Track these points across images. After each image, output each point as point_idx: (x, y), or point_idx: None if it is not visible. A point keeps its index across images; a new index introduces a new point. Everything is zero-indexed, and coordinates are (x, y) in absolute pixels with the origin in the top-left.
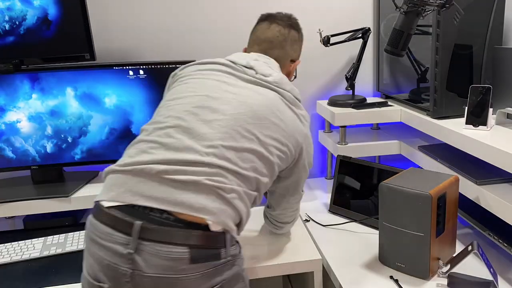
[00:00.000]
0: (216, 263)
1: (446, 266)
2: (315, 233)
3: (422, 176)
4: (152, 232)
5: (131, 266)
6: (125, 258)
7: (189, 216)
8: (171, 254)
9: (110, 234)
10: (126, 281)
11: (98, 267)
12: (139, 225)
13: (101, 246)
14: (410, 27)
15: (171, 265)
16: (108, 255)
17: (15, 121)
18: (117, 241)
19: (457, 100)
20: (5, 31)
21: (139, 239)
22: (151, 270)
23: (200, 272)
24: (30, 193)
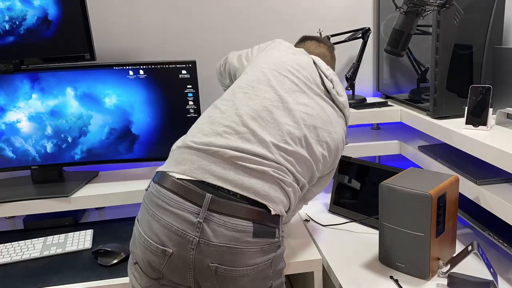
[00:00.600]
0: (271, 241)
1: (446, 266)
2: (315, 233)
3: (422, 176)
4: (221, 205)
5: (199, 234)
6: (194, 226)
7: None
8: (237, 226)
9: (181, 202)
10: (191, 248)
11: (164, 232)
12: (210, 197)
13: (170, 212)
14: (410, 27)
15: (236, 236)
16: (178, 222)
17: (15, 121)
18: (188, 210)
19: (457, 100)
20: (5, 31)
21: (209, 210)
22: (217, 239)
23: (259, 246)
24: (30, 193)
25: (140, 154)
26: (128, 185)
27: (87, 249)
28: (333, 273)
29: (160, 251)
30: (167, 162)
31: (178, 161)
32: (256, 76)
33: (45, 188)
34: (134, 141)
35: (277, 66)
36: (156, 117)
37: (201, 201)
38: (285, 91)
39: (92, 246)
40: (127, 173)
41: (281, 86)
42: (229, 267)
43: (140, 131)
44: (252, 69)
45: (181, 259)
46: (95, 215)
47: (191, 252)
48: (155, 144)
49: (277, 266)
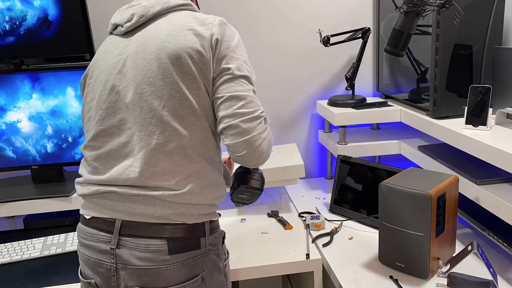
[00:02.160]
0: (196, 252)
1: (446, 266)
2: (315, 233)
3: (422, 176)
4: (132, 227)
5: (114, 261)
6: (108, 254)
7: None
8: (150, 247)
9: (94, 234)
10: (111, 275)
11: (86, 265)
12: (120, 222)
13: (87, 246)
14: (410, 27)
15: (151, 257)
16: (93, 253)
17: (16, 121)
18: (101, 240)
19: (457, 100)
20: (5, 31)
21: (120, 235)
22: (133, 263)
23: (180, 261)
24: (30, 193)
25: None
26: None
27: None
28: (333, 273)
29: (88, 284)
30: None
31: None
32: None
33: (46, 188)
34: None
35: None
36: None
37: (112, 227)
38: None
39: None
40: None
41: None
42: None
43: None
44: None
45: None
46: None
47: (113, 279)
48: None
49: (214, 282)
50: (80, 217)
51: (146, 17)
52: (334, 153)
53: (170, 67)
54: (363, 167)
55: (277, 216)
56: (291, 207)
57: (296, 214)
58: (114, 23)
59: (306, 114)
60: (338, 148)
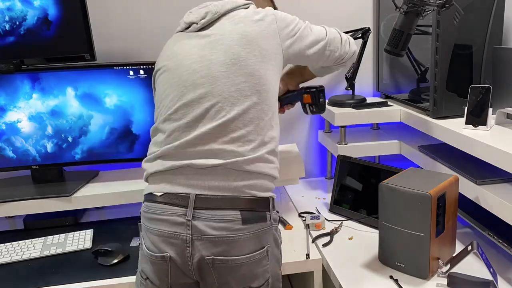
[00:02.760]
0: (263, 225)
1: (446, 266)
2: (315, 233)
3: (422, 176)
4: (206, 201)
5: (190, 232)
6: (184, 226)
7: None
8: (225, 217)
9: (168, 209)
10: (186, 246)
11: (159, 239)
12: (194, 196)
13: (160, 220)
14: (410, 27)
15: (226, 226)
16: (168, 226)
17: (16, 121)
18: (175, 213)
19: (457, 100)
20: (5, 31)
21: (195, 209)
22: (208, 233)
23: (252, 231)
24: (31, 193)
25: (140, 154)
26: (128, 185)
27: (87, 249)
28: (333, 273)
29: (160, 258)
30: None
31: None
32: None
33: (46, 188)
34: (135, 141)
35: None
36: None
37: (186, 202)
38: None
39: (92, 246)
40: (127, 173)
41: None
42: (224, 257)
43: (141, 131)
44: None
45: (181, 260)
46: (95, 215)
47: (188, 250)
48: None
49: (274, 257)
50: (145, 197)
51: (219, 13)
52: (334, 153)
53: (247, 50)
54: (363, 167)
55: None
56: (291, 207)
57: (296, 214)
58: (188, 22)
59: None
60: (338, 148)
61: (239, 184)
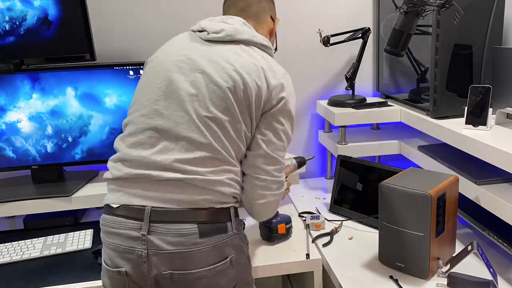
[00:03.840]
0: (224, 236)
1: (446, 265)
2: (315, 233)
3: (422, 176)
4: (162, 214)
5: (146, 247)
6: (140, 240)
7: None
8: (181, 230)
9: (123, 222)
10: (142, 261)
11: (115, 254)
12: (150, 209)
13: (116, 234)
14: (410, 27)
15: (182, 240)
16: (124, 241)
17: (16, 121)
18: (131, 227)
19: (457, 100)
20: (5, 31)
21: (151, 222)
22: (164, 247)
23: (211, 244)
24: (31, 193)
25: None
26: None
27: (87, 249)
28: (333, 273)
29: (117, 273)
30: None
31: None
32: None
33: (46, 188)
34: None
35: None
36: None
37: (142, 215)
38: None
39: (92, 246)
40: None
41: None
42: (183, 271)
43: None
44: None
45: (137, 275)
46: (95, 215)
47: (144, 265)
48: None
49: (239, 265)
50: (104, 208)
51: (231, 38)
52: (334, 153)
53: (229, 112)
54: (363, 167)
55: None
56: (291, 207)
57: (296, 214)
58: (203, 27)
59: (306, 114)
60: (338, 148)
61: (197, 198)
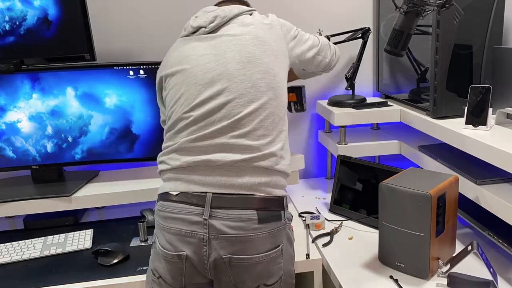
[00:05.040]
0: (278, 224)
1: (446, 265)
2: (315, 233)
3: (422, 176)
4: (222, 200)
5: (207, 231)
6: (201, 225)
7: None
8: (242, 216)
9: (184, 208)
10: (203, 245)
11: (176, 238)
12: (211, 196)
13: (177, 219)
14: (410, 27)
15: (243, 225)
16: (185, 225)
17: (16, 121)
18: (192, 212)
19: (457, 100)
20: (5, 31)
21: (212, 208)
22: (225, 232)
23: (267, 231)
24: (31, 193)
25: (140, 154)
26: (128, 185)
27: (87, 249)
28: (333, 273)
29: (176, 257)
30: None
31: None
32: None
33: (46, 188)
34: (135, 140)
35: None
36: (156, 117)
37: (203, 201)
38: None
39: (92, 246)
40: (127, 173)
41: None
42: (241, 256)
43: (141, 131)
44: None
45: (197, 259)
46: (95, 215)
47: (204, 249)
48: (156, 144)
49: (287, 255)
50: (160, 196)
51: (228, 17)
52: (334, 153)
53: (261, 49)
54: (363, 167)
55: None
56: (291, 207)
57: (296, 214)
58: (196, 26)
59: (306, 114)
60: (338, 148)
61: (255, 181)
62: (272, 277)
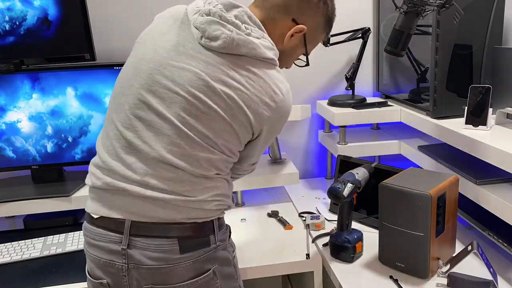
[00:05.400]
0: (206, 250)
1: (446, 265)
2: (315, 233)
3: (422, 176)
4: (142, 228)
5: (126, 261)
6: (120, 254)
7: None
8: (162, 246)
9: (104, 234)
10: (123, 275)
11: (97, 266)
12: (130, 222)
13: (96, 246)
14: (410, 27)
15: (163, 256)
16: (104, 254)
17: (16, 121)
18: (111, 240)
19: (457, 100)
20: (5, 31)
21: (131, 235)
22: (145, 262)
23: (192, 260)
24: (30, 193)
25: None
26: None
27: None
28: (333, 273)
29: (99, 285)
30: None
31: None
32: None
33: (46, 188)
34: None
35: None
36: None
37: (122, 228)
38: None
39: None
40: None
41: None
42: (164, 285)
43: None
44: None
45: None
46: None
47: (125, 279)
48: None
49: (224, 275)
50: (85, 215)
51: (227, 50)
52: (334, 153)
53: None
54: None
55: (277, 216)
56: (291, 207)
57: (296, 214)
58: (198, 26)
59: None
60: (338, 148)
61: (179, 216)
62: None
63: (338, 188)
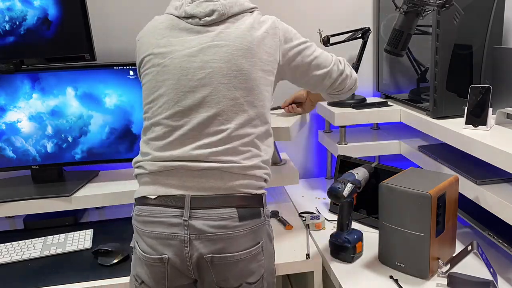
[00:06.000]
0: (258, 221)
1: (446, 265)
2: (314, 233)
3: (422, 176)
4: (201, 200)
5: (188, 232)
6: (182, 226)
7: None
8: (222, 215)
9: (163, 211)
10: (185, 246)
11: (158, 242)
12: (190, 196)
13: (156, 223)
14: (410, 27)
15: (223, 224)
16: (166, 228)
17: (16, 121)
18: (172, 215)
19: (457, 100)
20: (5, 31)
21: (191, 209)
22: (207, 231)
23: (248, 228)
24: (30, 193)
25: None
26: (128, 185)
27: (87, 249)
28: (333, 273)
29: (158, 261)
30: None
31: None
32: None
33: (46, 188)
34: (135, 141)
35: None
36: None
37: (182, 202)
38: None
39: (92, 246)
40: (127, 173)
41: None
42: (223, 254)
43: (141, 131)
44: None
45: (180, 261)
46: (95, 215)
47: (186, 250)
48: None
49: (268, 252)
50: (137, 200)
51: (226, 15)
52: (334, 153)
53: (250, 63)
54: None
55: (277, 216)
56: (291, 207)
57: (296, 214)
58: (191, 14)
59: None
60: (338, 148)
61: (234, 184)
62: (254, 275)
63: (338, 188)
